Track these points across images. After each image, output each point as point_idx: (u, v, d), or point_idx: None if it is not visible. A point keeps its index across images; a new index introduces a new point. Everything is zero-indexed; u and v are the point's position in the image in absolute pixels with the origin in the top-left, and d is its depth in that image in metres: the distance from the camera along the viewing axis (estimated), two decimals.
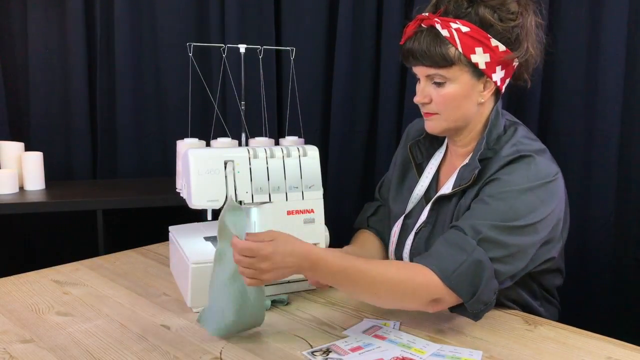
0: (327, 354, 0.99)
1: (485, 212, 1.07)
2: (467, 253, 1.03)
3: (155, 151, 2.46)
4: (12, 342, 1.04)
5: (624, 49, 1.65)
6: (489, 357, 0.99)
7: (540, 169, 1.11)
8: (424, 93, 1.16)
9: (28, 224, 2.41)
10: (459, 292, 1.02)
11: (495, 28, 1.11)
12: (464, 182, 1.16)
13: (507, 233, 1.05)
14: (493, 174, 1.12)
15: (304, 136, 1.51)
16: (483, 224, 1.05)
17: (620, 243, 1.73)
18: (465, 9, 1.11)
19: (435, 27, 1.10)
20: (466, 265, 1.01)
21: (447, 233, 1.09)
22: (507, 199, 1.07)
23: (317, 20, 2.15)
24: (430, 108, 1.16)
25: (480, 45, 1.10)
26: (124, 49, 2.36)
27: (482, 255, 1.03)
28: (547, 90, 1.78)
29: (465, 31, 1.09)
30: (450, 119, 1.17)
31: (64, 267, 1.45)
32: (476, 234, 1.05)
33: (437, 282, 1.01)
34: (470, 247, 1.03)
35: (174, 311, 1.19)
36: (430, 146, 1.32)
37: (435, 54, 1.10)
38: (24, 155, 2.12)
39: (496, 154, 1.14)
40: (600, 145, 1.70)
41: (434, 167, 1.29)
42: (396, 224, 1.30)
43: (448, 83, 1.12)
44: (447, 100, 1.14)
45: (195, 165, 1.20)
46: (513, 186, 1.08)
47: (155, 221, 1.91)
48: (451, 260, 1.02)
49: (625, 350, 1.02)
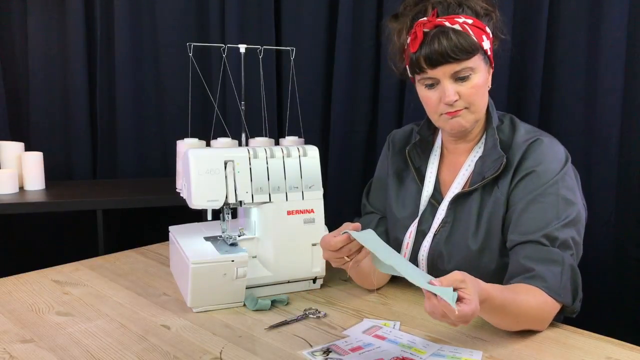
0: (327, 354, 0.99)
1: (546, 213, 1.11)
2: (560, 263, 1.07)
3: (155, 151, 2.46)
4: (12, 342, 1.04)
5: (624, 49, 1.65)
6: (489, 357, 0.99)
7: (557, 149, 1.18)
8: (453, 91, 1.14)
9: (28, 224, 2.41)
10: (567, 301, 1.08)
11: (485, 17, 1.17)
12: (489, 173, 1.17)
13: (571, 225, 1.11)
14: (520, 163, 1.16)
15: (304, 136, 1.52)
16: (554, 229, 1.10)
17: (620, 243, 1.73)
18: (456, 8, 1.15)
19: (444, 26, 1.12)
20: (565, 276, 1.07)
21: (527, 250, 1.10)
22: (557, 192, 1.12)
23: (317, 20, 2.15)
24: (458, 105, 1.16)
25: (484, 33, 1.15)
26: (124, 48, 2.36)
27: (569, 259, 1.09)
28: (547, 91, 1.78)
29: (470, 22, 1.13)
30: (478, 110, 1.19)
31: (64, 267, 1.45)
32: (554, 241, 1.09)
33: (552, 302, 1.06)
34: (558, 256, 1.08)
35: (174, 311, 1.19)
36: (425, 149, 1.32)
37: (466, 45, 1.11)
38: (24, 155, 2.12)
39: (510, 141, 1.19)
40: (600, 145, 1.70)
41: (434, 169, 1.29)
42: (409, 230, 1.28)
43: (473, 74, 1.14)
44: (477, 90, 1.15)
45: (195, 165, 1.20)
46: (552, 174, 1.13)
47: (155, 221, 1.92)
48: (552, 277, 1.06)
49: (625, 350, 1.02)
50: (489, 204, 1.18)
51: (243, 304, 1.22)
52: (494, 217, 1.17)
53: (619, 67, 1.66)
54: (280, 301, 1.23)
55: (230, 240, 1.26)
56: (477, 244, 1.17)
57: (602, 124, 1.70)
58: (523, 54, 1.79)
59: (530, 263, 1.08)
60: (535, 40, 1.75)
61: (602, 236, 1.72)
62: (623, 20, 1.64)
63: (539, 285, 1.06)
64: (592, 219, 1.71)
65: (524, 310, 1.03)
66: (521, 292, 1.05)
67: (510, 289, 1.05)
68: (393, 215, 1.32)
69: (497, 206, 1.17)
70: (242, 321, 1.15)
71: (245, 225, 1.34)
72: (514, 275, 1.09)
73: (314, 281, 1.33)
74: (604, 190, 1.71)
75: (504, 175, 1.17)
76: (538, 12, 1.74)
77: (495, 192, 1.18)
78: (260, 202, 1.26)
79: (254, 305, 1.19)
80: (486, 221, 1.17)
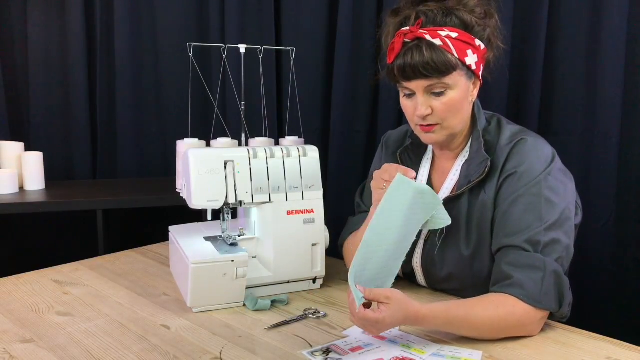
0: (327, 354, 0.99)
1: (528, 215, 1.09)
2: (541, 270, 1.05)
3: (155, 151, 2.46)
4: (12, 342, 1.04)
5: (624, 49, 1.65)
6: (489, 357, 0.99)
7: (541, 149, 1.15)
8: (426, 105, 1.13)
9: (28, 224, 2.41)
10: (550, 307, 1.05)
11: (475, 29, 1.13)
12: (474, 177, 1.16)
13: (556, 228, 1.08)
14: (504, 165, 1.14)
15: (304, 136, 1.51)
16: (536, 233, 1.07)
17: (620, 243, 1.73)
18: (443, 18, 1.11)
19: (425, 39, 1.09)
20: (547, 281, 1.05)
21: (509, 256, 1.09)
22: (539, 193, 1.10)
23: (317, 20, 2.15)
24: (431, 119, 1.14)
25: (469, 47, 1.12)
26: (124, 49, 2.36)
27: (552, 264, 1.06)
28: (547, 91, 1.78)
29: (454, 36, 1.10)
30: (452, 126, 1.16)
31: (64, 267, 1.45)
32: (536, 246, 1.07)
33: (531, 309, 1.04)
34: (540, 262, 1.05)
35: (174, 311, 1.19)
36: (417, 152, 1.31)
37: (439, 63, 1.09)
38: (24, 155, 2.12)
39: (495, 143, 1.17)
40: (600, 145, 1.70)
41: (425, 173, 1.28)
42: None
43: (448, 90, 1.12)
44: (450, 107, 1.13)
45: (195, 165, 1.20)
46: (534, 175, 1.11)
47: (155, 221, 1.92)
48: (532, 283, 1.04)
49: (625, 350, 1.02)
50: (477, 208, 1.16)
51: (243, 304, 1.22)
52: (482, 222, 1.15)
53: (619, 67, 1.66)
54: (280, 301, 1.23)
55: (230, 240, 1.26)
56: (469, 249, 1.17)
57: (602, 124, 1.70)
58: (523, 54, 1.79)
59: (510, 270, 1.07)
60: (535, 40, 1.75)
61: (602, 236, 1.73)
62: (623, 20, 1.64)
63: (516, 293, 1.04)
64: (592, 219, 1.73)
65: (481, 324, 1.03)
66: (481, 305, 1.04)
67: (467, 304, 1.05)
68: None
69: (485, 210, 1.15)
70: (242, 321, 1.15)
71: (245, 225, 1.34)
72: (495, 282, 1.09)
73: (314, 281, 1.33)
74: (604, 190, 1.71)
75: (490, 178, 1.15)
76: (538, 11, 1.74)
77: (482, 196, 1.16)
78: (260, 202, 1.26)
79: (254, 305, 1.19)
80: (476, 225, 1.16)
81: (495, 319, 1.03)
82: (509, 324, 1.04)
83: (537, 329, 1.07)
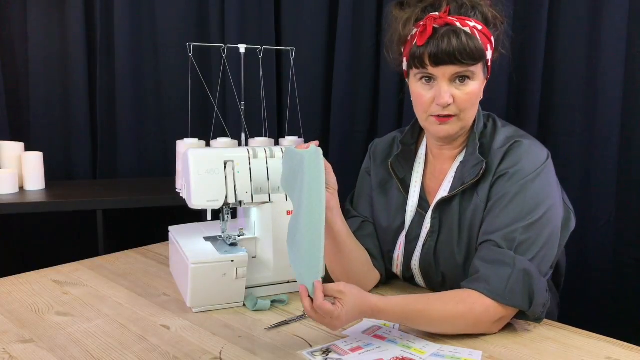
0: (327, 354, 0.99)
1: (509, 213, 1.08)
2: (510, 266, 1.04)
3: (155, 151, 2.46)
4: (12, 342, 1.04)
5: (624, 49, 1.65)
6: (489, 357, 0.99)
7: (536, 151, 1.14)
8: (449, 93, 1.11)
9: (28, 224, 2.42)
10: (518, 305, 1.04)
11: (492, 28, 1.14)
12: (468, 179, 1.15)
13: (536, 228, 1.07)
14: (498, 166, 1.13)
15: (304, 136, 1.51)
16: (514, 230, 1.07)
17: (620, 243, 1.73)
18: (468, 10, 1.11)
19: (455, 25, 1.09)
20: (514, 279, 1.03)
21: (482, 251, 1.09)
22: (524, 192, 1.09)
23: (317, 20, 2.15)
24: (450, 110, 1.12)
25: (489, 43, 1.13)
26: (124, 49, 2.36)
27: (524, 262, 1.04)
28: (547, 91, 1.78)
29: (480, 29, 1.10)
30: (467, 118, 1.15)
31: (64, 267, 1.45)
32: (511, 243, 1.06)
33: (494, 304, 1.03)
34: (510, 258, 1.04)
35: (174, 311, 1.19)
36: (408, 159, 1.29)
37: (475, 50, 1.08)
38: (24, 155, 2.13)
39: (490, 146, 1.16)
40: (600, 145, 1.70)
41: (419, 178, 1.26)
42: (398, 242, 1.26)
43: (470, 80, 1.11)
44: (471, 97, 1.12)
45: (195, 165, 1.20)
46: (523, 175, 1.10)
47: (155, 221, 1.92)
48: (498, 279, 1.03)
49: (625, 350, 1.02)
50: (468, 212, 1.15)
51: (243, 304, 1.22)
52: (474, 225, 1.15)
53: (619, 67, 1.66)
54: (280, 301, 1.23)
55: (230, 240, 1.26)
56: (462, 253, 1.16)
57: (602, 124, 1.69)
58: (523, 55, 1.79)
59: (479, 264, 1.07)
60: (535, 40, 1.75)
61: (602, 236, 1.72)
62: (623, 20, 1.64)
63: (480, 288, 1.04)
64: (592, 219, 1.73)
65: (437, 319, 1.03)
66: (441, 300, 1.05)
67: (428, 299, 1.05)
68: (381, 227, 1.29)
69: (477, 213, 1.14)
70: (242, 321, 1.15)
71: (245, 225, 1.34)
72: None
73: None
74: (604, 190, 1.71)
75: (483, 181, 1.14)
76: (538, 12, 1.74)
77: (475, 199, 1.15)
78: (260, 202, 1.26)
79: (254, 305, 1.19)
80: (467, 229, 1.15)
81: (453, 315, 1.03)
82: (466, 321, 1.04)
83: (496, 328, 1.06)
